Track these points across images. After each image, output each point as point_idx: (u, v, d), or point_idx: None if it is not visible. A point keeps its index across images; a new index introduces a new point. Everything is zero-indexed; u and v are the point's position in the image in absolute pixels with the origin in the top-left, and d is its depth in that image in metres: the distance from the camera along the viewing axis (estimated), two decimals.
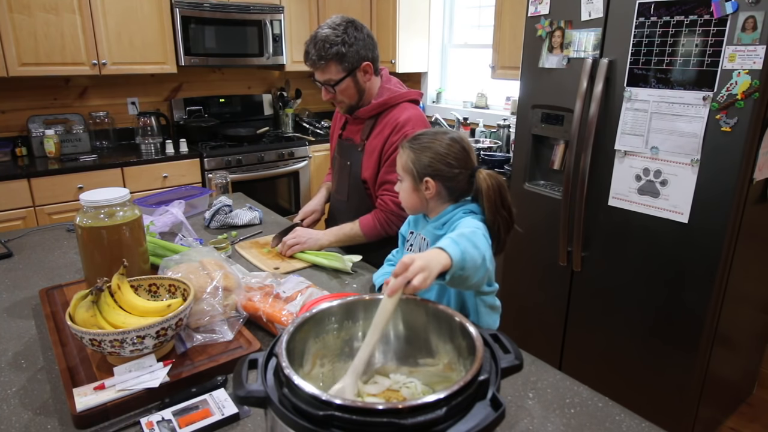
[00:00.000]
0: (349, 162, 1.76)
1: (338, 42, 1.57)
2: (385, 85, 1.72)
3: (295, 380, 0.66)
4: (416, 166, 1.19)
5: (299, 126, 4.22)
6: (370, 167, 1.70)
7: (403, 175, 1.23)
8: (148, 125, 3.48)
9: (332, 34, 1.57)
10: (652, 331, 2.01)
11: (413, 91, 1.73)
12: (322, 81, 1.64)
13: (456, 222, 1.17)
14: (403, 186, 1.23)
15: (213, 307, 1.16)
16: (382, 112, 1.69)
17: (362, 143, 1.72)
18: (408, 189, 1.22)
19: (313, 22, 3.93)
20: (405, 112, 1.66)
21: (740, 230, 1.80)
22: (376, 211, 1.69)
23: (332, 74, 1.61)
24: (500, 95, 3.74)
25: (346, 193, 1.81)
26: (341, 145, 1.84)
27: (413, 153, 1.19)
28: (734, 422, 2.29)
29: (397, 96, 1.68)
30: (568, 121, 2.17)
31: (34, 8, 2.87)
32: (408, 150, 1.20)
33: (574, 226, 2.16)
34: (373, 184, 1.72)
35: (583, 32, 2.05)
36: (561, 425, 0.94)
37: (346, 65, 1.60)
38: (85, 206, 1.27)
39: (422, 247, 1.28)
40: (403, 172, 1.22)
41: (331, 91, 1.66)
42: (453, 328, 0.84)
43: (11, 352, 1.15)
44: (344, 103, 1.70)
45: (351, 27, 1.60)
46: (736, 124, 1.67)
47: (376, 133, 1.69)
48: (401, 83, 1.78)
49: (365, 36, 1.63)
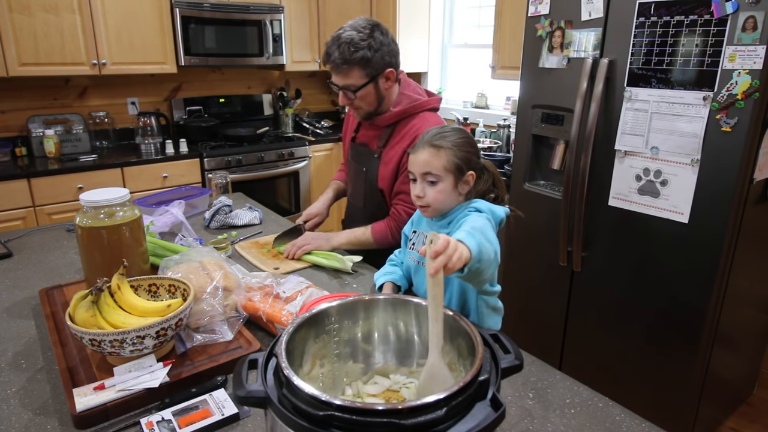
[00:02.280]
0: (365, 168, 1.70)
1: (364, 46, 1.48)
2: (404, 92, 1.64)
3: (295, 380, 0.66)
4: (462, 161, 1.19)
5: (299, 126, 4.22)
6: (387, 177, 1.64)
7: (443, 175, 1.19)
8: (148, 125, 3.48)
9: (358, 37, 1.48)
10: (652, 331, 2.01)
11: (432, 99, 1.67)
12: (342, 85, 1.55)
13: (461, 220, 1.17)
14: (442, 186, 1.20)
15: (213, 307, 1.15)
16: (400, 120, 1.63)
17: (379, 150, 1.66)
18: (449, 188, 1.21)
19: (313, 22, 3.93)
20: (425, 122, 1.59)
21: (740, 230, 1.80)
22: (389, 219, 1.65)
23: (354, 79, 1.53)
24: (500, 95, 3.74)
25: (362, 199, 1.76)
26: (356, 149, 1.78)
27: (455, 150, 1.19)
28: (734, 422, 2.29)
29: (416, 105, 1.62)
30: (568, 121, 2.17)
31: (34, 8, 2.87)
32: (447, 149, 1.19)
33: (574, 226, 2.16)
34: (389, 193, 1.67)
35: (583, 32, 2.05)
36: (561, 425, 0.94)
37: (370, 71, 1.52)
38: (85, 206, 1.27)
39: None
40: (444, 171, 1.19)
41: (351, 97, 1.57)
42: (453, 329, 0.84)
43: (11, 352, 1.15)
44: (362, 110, 1.63)
45: (377, 31, 1.52)
46: (737, 124, 1.67)
47: (393, 143, 1.62)
48: (419, 87, 1.71)
49: (390, 41, 1.55)
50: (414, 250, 1.33)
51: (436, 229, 1.24)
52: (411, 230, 1.37)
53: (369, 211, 1.75)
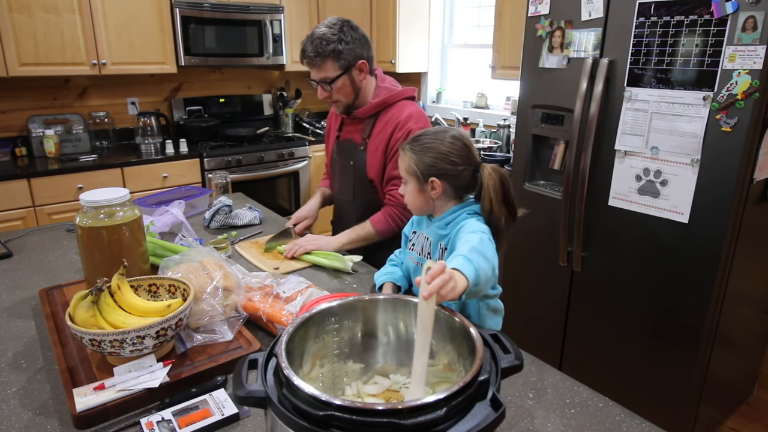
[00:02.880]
0: (353, 162, 1.77)
1: (335, 40, 1.59)
2: (381, 84, 1.74)
3: (295, 380, 0.66)
4: (420, 168, 1.18)
5: (299, 126, 4.22)
6: (376, 165, 1.71)
7: (407, 178, 1.22)
8: (148, 125, 3.48)
9: (329, 32, 1.60)
10: (652, 331, 2.01)
11: (408, 89, 1.76)
12: (318, 79, 1.66)
13: (461, 223, 1.17)
14: (408, 188, 1.23)
15: (213, 307, 1.15)
16: (381, 110, 1.71)
17: (364, 142, 1.73)
18: (413, 191, 1.22)
19: (313, 22, 3.93)
20: (405, 109, 1.68)
21: (740, 230, 1.80)
22: (386, 207, 1.71)
23: (328, 72, 1.63)
24: (500, 95, 3.74)
25: (351, 192, 1.81)
26: (340, 146, 1.84)
27: (415, 155, 1.19)
28: (734, 422, 2.29)
29: (394, 94, 1.71)
30: (568, 121, 2.17)
31: (34, 8, 2.87)
32: (410, 152, 1.20)
33: (574, 226, 2.16)
34: (380, 182, 1.73)
35: (583, 32, 2.05)
36: (561, 425, 0.94)
37: (342, 63, 1.62)
38: (85, 206, 1.27)
39: (425, 247, 1.28)
40: (406, 174, 1.21)
41: (327, 89, 1.67)
42: (453, 329, 0.84)
43: (11, 352, 1.15)
44: (340, 103, 1.71)
45: (347, 26, 1.63)
46: (737, 124, 1.67)
47: (377, 132, 1.70)
48: (395, 81, 1.80)
49: (360, 35, 1.66)
50: (414, 251, 1.33)
51: (435, 230, 1.25)
52: (411, 230, 1.38)
53: (359, 203, 1.79)
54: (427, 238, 1.28)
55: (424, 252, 1.29)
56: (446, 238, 1.21)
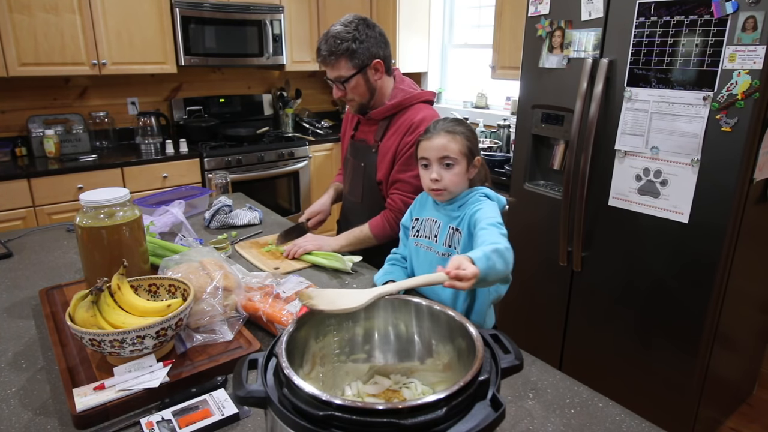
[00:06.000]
0: (363, 163, 1.74)
1: (349, 38, 1.56)
2: (399, 86, 1.70)
3: (295, 380, 0.66)
4: (473, 147, 1.27)
5: (299, 126, 4.22)
6: (384, 168, 1.68)
7: (459, 159, 1.26)
8: (148, 125, 3.48)
9: (343, 31, 1.57)
10: (652, 331, 2.01)
11: (427, 92, 1.72)
12: (333, 78, 1.63)
13: (472, 205, 1.24)
14: (456, 170, 1.26)
15: (213, 307, 1.15)
16: (396, 113, 1.67)
17: (376, 144, 1.70)
18: (461, 172, 1.27)
19: (313, 22, 3.93)
20: (420, 112, 1.64)
21: (740, 230, 1.80)
22: (386, 211, 1.68)
23: (342, 70, 1.60)
24: (500, 95, 3.74)
25: (360, 194, 1.78)
26: (354, 146, 1.81)
27: (465, 136, 1.26)
28: (734, 422, 2.29)
29: (411, 97, 1.67)
30: (568, 121, 2.17)
31: (34, 8, 2.87)
32: (460, 135, 1.26)
33: (574, 226, 2.16)
34: (386, 185, 1.70)
35: (583, 32, 2.05)
36: (561, 425, 0.94)
37: (357, 62, 1.59)
38: (85, 206, 1.27)
39: (433, 229, 1.32)
40: (460, 155, 1.26)
41: (341, 89, 1.64)
42: (453, 329, 0.84)
43: (11, 352, 1.15)
44: (355, 102, 1.68)
45: (362, 24, 1.60)
46: (737, 124, 1.67)
47: (390, 134, 1.67)
48: (415, 84, 1.76)
49: (377, 34, 1.62)
50: (421, 236, 1.36)
51: (447, 213, 1.30)
52: (411, 219, 1.41)
53: (367, 206, 1.77)
54: (435, 221, 1.32)
55: (432, 235, 1.33)
56: (457, 220, 1.27)
